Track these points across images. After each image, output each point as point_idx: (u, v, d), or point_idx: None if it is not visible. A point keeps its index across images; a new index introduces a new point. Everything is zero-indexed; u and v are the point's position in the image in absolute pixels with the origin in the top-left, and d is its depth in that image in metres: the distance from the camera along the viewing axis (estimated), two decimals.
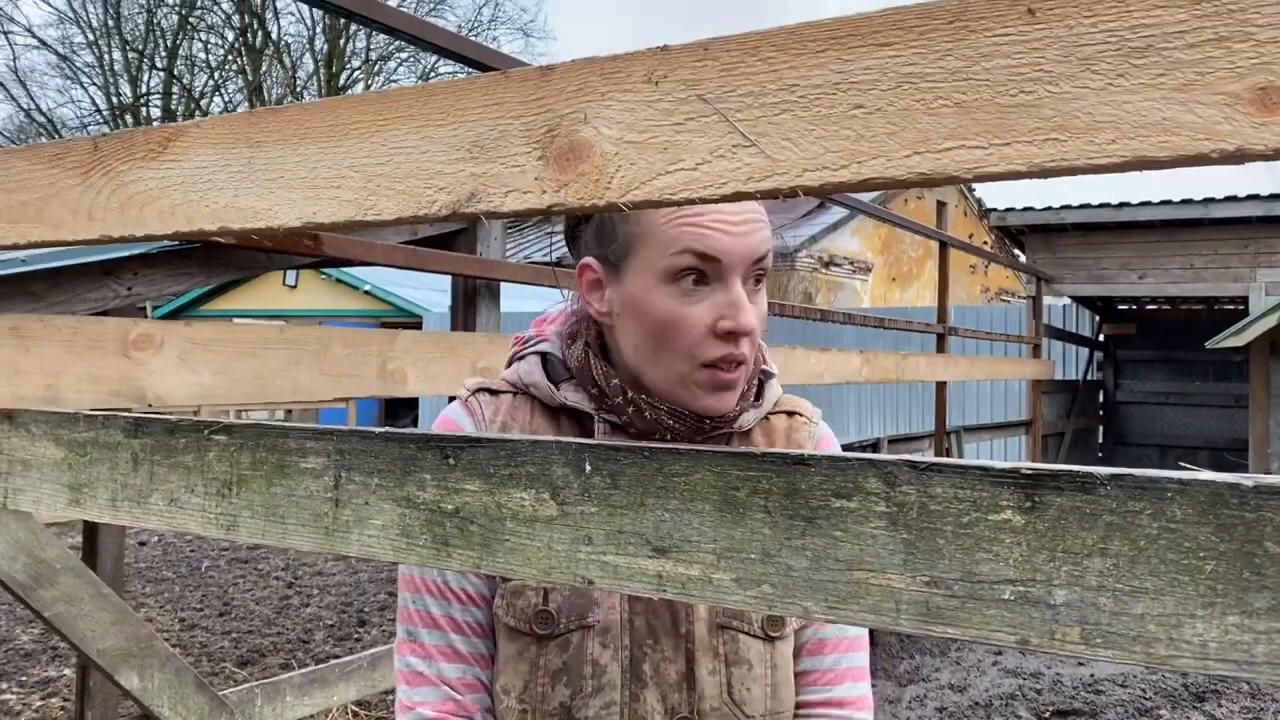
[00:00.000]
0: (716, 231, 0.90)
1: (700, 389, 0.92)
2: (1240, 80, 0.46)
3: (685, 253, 0.90)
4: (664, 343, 0.92)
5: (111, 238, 0.86)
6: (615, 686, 0.94)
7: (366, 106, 0.72)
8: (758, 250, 0.92)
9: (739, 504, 0.58)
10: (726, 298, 0.90)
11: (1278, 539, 0.45)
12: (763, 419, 1.05)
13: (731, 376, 0.92)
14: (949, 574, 0.51)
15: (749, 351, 0.92)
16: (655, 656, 0.95)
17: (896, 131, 0.53)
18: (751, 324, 0.90)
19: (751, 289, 0.93)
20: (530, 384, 1.01)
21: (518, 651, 0.95)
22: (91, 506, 0.86)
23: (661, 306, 0.91)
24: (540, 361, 1.03)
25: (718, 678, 0.96)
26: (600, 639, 0.94)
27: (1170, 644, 0.47)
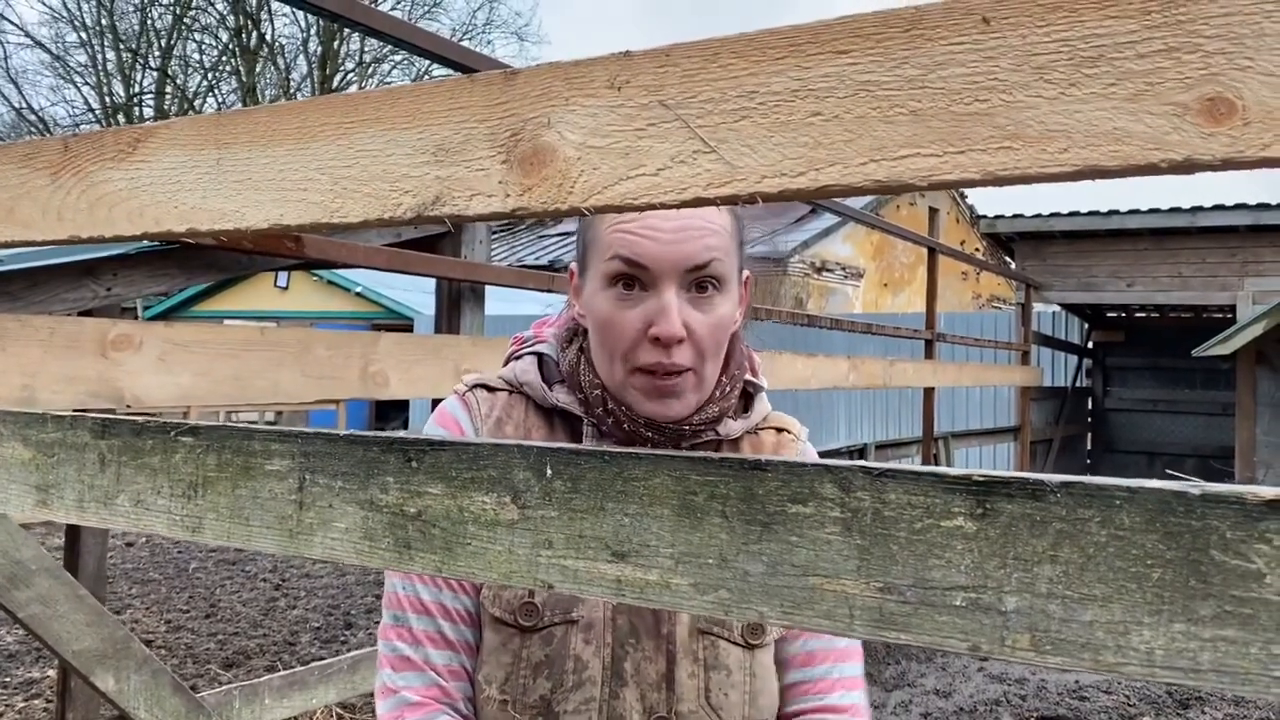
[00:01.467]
0: (644, 239, 0.91)
1: (639, 394, 0.94)
2: (1189, 91, 0.46)
3: (615, 259, 0.93)
4: (605, 345, 0.95)
5: (80, 238, 0.86)
6: (596, 683, 0.95)
7: (334, 109, 0.72)
8: (692, 259, 0.92)
9: (697, 509, 0.58)
10: (656, 304, 0.92)
11: (1223, 547, 0.45)
12: (752, 433, 1.06)
13: (669, 384, 0.93)
14: (902, 580, 0.52)
15: (687, 360, 0.93)
16: (636, 655, 0.96)
17: (853, 139, 0.53)
18: (674, 331, 0.91)
19: (696, 297, 0.93)
20: (525, 383, 1.03)
21: (501, 642, 0.96)
22: (59, 507, 0.86)
23: (601, 309, 0.94)
24: (536, 362, 1.04)
25: (696, 681, 0.96)
26: (584, 635, 0.95)
27: (1118, 651, 0.47)
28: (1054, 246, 9.47)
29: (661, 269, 0.91)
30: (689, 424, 0.97)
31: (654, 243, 0.91)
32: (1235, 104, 0.45)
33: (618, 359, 0.94)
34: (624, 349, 0.93)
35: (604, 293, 0.94)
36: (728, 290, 0.96)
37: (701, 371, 0.95)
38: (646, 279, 0.92)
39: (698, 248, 0.92)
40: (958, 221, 16.89)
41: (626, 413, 0.96)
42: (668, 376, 0.92)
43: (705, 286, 0.94)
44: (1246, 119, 0.45)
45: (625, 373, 0.94)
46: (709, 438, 1.00)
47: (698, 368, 0.94)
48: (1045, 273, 9.39)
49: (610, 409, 0.97)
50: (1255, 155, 0.45)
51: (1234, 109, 0.45)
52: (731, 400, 1.01)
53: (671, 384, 0.93)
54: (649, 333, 0.91)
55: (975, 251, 14.78)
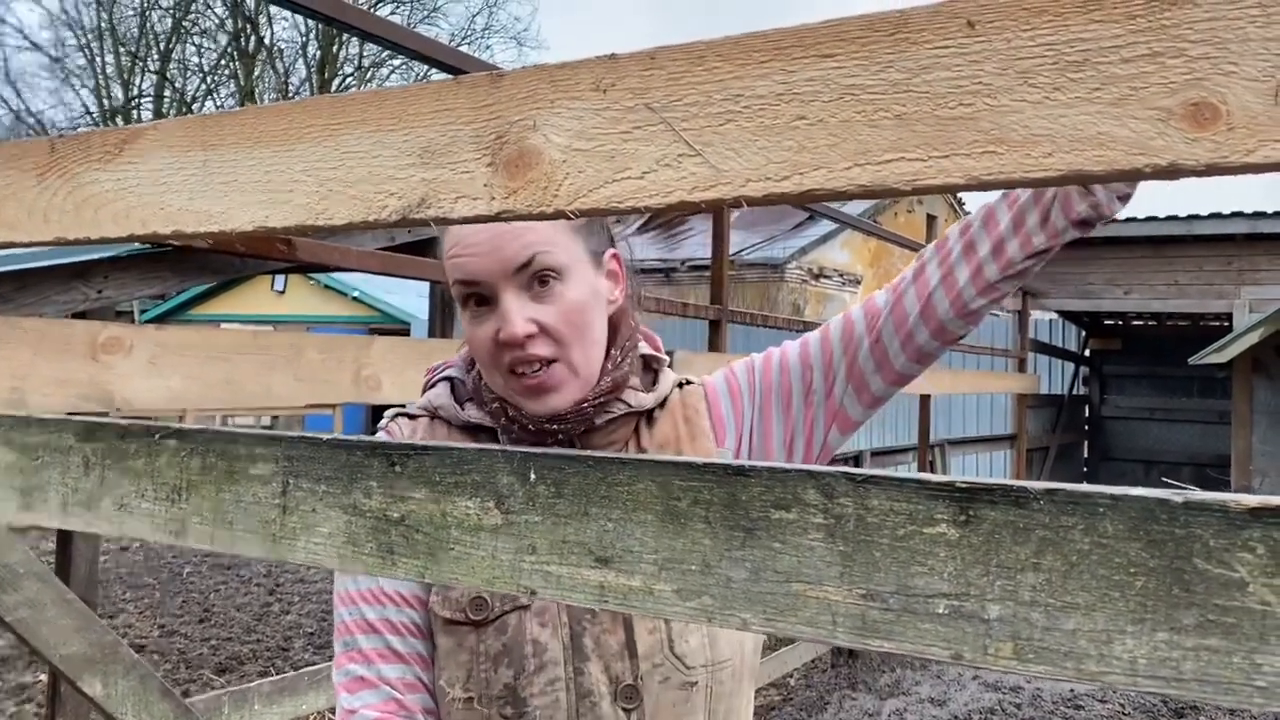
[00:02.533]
0: (465, 258, 0.95)
1: (520, 395, 0.98)
2: (1173, 95, 0.46)
3: (456, 284, 0.97)
4: (479, 360, 1.00)
5: (67, 240, 0.86)
6: (558, 663, 0.96)
7: (320, 110, 0.72)
8: (515, 259, 0.95)
9: (680, 514, 0.58)
10: (499, 310, 0.95)
11: (1206, 556, 0.44)
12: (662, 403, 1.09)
13: (538, 379, 0.96)
14: (884, 587, 0.51)
15: (547, 350, 0.96)
16: (595, 629, 0.97)
17: (838, 143, 0.53)
18: (514, 333, 0.94)
19: (539, 292, 0.96)
20: (439, 406, 1.07)
21: (456, 643, 0.97)
22: (42, 511, 0.85)
23: (466, 330, 1.00)
24: (449, 386, 1.09)
25: (658, 635, 0.98)
26: (538, 619, 0.97)
27: (1101, 660, 0.47)
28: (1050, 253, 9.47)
29: (491, 279, 0.95)
30: (588, 403, 0.99)
31: (474, 258, 0.95)
32: (1220, 109, 0.45)
33: (492, 371, 0.98)
34: (489, 361, 0.97)
35: (464, 314, 0.99)
36: (571, 276, 0.98)
37: (570, 358, 0.97)
38: (485, 291, 0.96)
39: (514, 249, 0.95)
40: None
41: (524, 415, 0.99)
42: (535, 373, 0.95)
43: (545, 280, 0.96)
44: (1231, 124, 0.45)
45: (503, 380, 0.98)
46: (620, 412, 1.03)
47: (563, 355, 0.97)
48: (1042, 280, 9.40)
49: (512, 416, 1.00)
50: (1239, 161, 0.45)
51: (1218, 114, 0.45)
52: (624, 370, 1.03)
53: (540, 379, 0.96)
54: (500, 340, 0.95)
55: None
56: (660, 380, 1.09)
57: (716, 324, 3.71)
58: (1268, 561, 0.43)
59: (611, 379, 1.01)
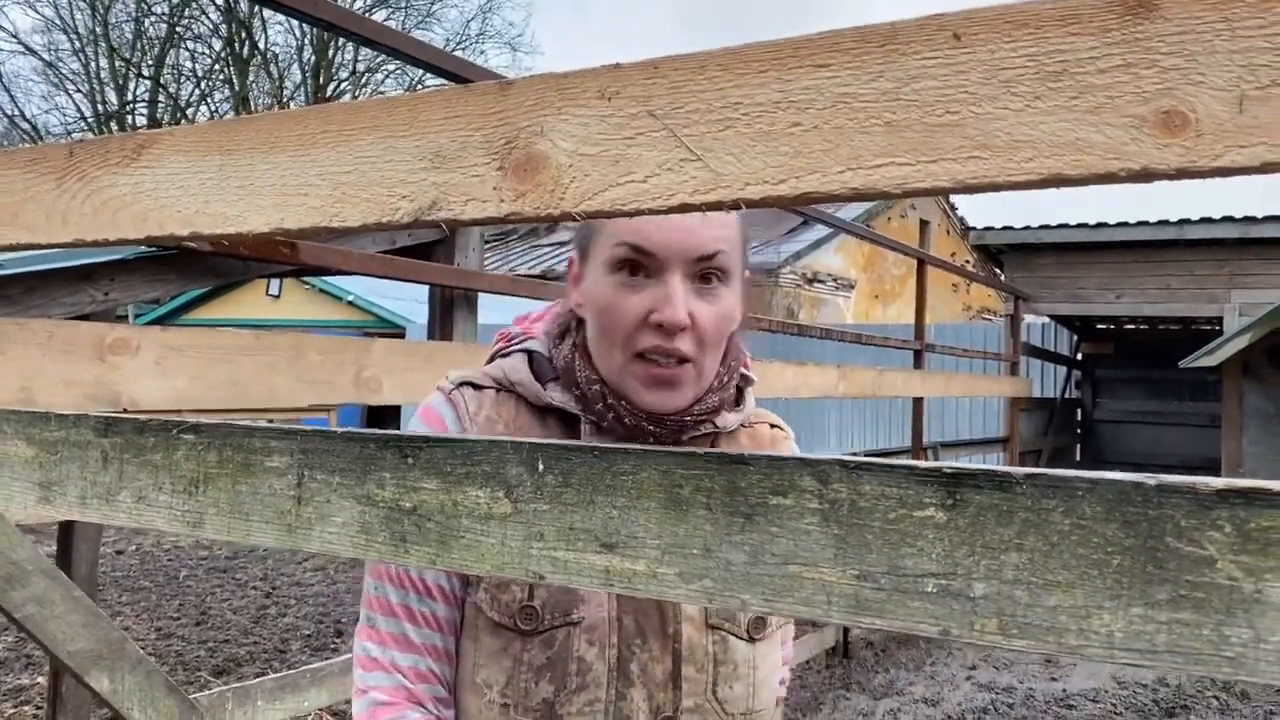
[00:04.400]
0: (649, 223, 0.91)
1: (637, 382, 0.93)
2: (1146, 104, 0.49)
3: (623, 245, 0.92)
4: (605, 331, 0.94)
5: (85, 241, 0.88)
6: (600, 685, 0.94)
7: (334, 116, 0.75)
8: (701, 248, 0.92)
9: (682, 501, 0.60)
10: (661, 291, 0.91)
11: (1178, 534, 0.47)
12: (746, 426, 1.07)
13: (668, 372, 0.92)
14: (876, 568, 0.54)
15: (690, 349, 0.92)
16: (643, 656, 0.95)
17: (831, 148, 0.56)
18: (678, 318, 0.90)
19: (701, 287, 0.93)
20: (516, 381, 1.00)
21: (501, 646, 0.94)
22: (61, 504, 0.88)
23: (602, 294, 0.94)
24: (527, 359, 1.02)
25: (705, 675, 0.97)
26: (587, 636, 0.94)
27: (1080, 634, 0.49)
28: (1043, 258, 9.54)
29: (669, 256, 0.91)
30: (690, 414, 0.96)
31: (661, 229, 0.91)
32: (1189, 117, 0.48)
33: (617, 346, 0.93)
34: (624, 335, 0.92)
35: (607, 278, 0.94)
36: (731, 284, 0.96)
37: (701, 363, 0.94)
38: (652, 266, 0.92)
39: (706, 237, 0.93)
40: (948, 233, 16.97)
41: (626, 407, 0.95)
42: (668, 365, 0.92)
43: (710, 278, 0.94)
44: (1199, 131, 0.48)
45: (625, 360, 0.93)
46: (707, 430, 1.00)
47: (698, 359, 0.94)
48: (1034, 284, 9.45)
49: (610, 404, 0.95)
50: (1208, 165, 0.48)
51: (1187, 122, 0.48)
52: (729, 392, 1.01)
53: (671, 373, 0.92)
54: (651, 318, 0.91)
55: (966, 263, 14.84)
56: (745, 401, 1.06)
57: None
58: (1234, 540, 0.46)
59: (718, 398, 0.99)
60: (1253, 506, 0.45)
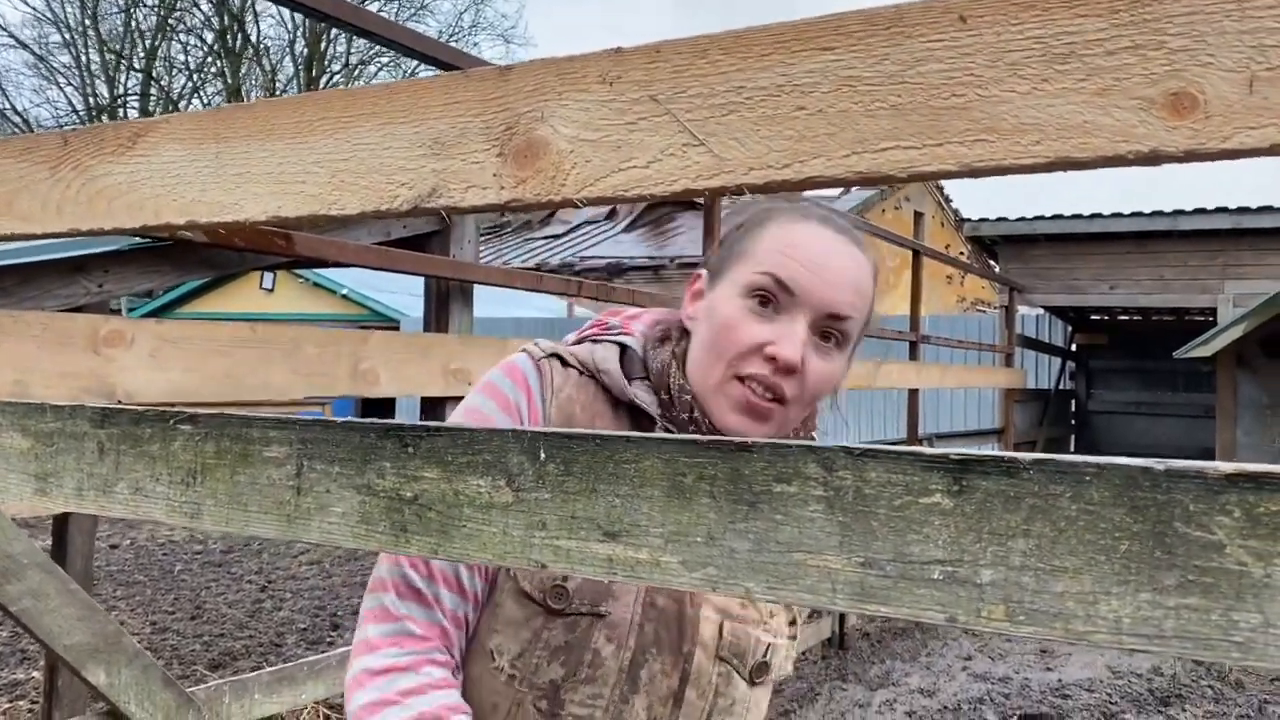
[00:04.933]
0: (801, 266, 0.93)
1: (729, 403, 0.94)
2: (1155, 86, 0.48)
3: (766, 275, 0.94)
4: (715, 344, 0.95)
5: (80, 231, 0.88)
6: (608, 683, 0.94)
7: (332, 103, 0.74)
8: (837, 306, 0.94)
9: (686, 489, 0.60)
10: (785, 329, 0.93)
11: (1186, 520, 0.47)
12: None
13: (763, 404, 0.93)
14: (882, 555, 0.54)
15: (790, 391, 0.93)
16: (654, 666, 0.95)
17: (836, 132, 0.56)
18: (795, 357, 0.92)
19: (820, 343, 0.95)
20: (604, 370, 1.00)
21: (524, 618, 0.93)
22: (58, 496, 0.87)
23: (729, 311, 0.95)
24: (619, 352, 1.02)
25: (704, 703, 0.97)
26: (608, 632, 0.94)
27: (1087, 620, 0.49)
28: (1037, 249, 9.55)
29: (807, 300, 0.93)
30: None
31: (809, 273, 0.93)
32: (1198, 98, 0.48)
33: (723, 362, 0.94)
34: (735, 354, 0.94)
35: (737, 300, 0.95)
36: (845, 352, 0.98)
37: (791, 412, 0.95)
38: (785, 303, 0.94)
39: (846, 297, 0.95)
40: (943, 225, 16.97)
41: (708, 424, 0.95)
42: (763, 397, 0.93)
43: (830, 337, 0.96)
44: (1208, 113, 0.47)
45: (724, 378, 0.94)
46: None
47: (791, 405, 0.95)
48: (1028, 275, 9.46)
49: (694, 416, 0.96)
50: (1216, 147, 0.47)
51: (1196, 103, 0.48)
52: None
53: (764, 405, 0.93)
54: (767, 349, 0.92)
55: (960, 255, 14.85)
56: None
57: None
58: (1244, 524, 0.46)
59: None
60: (1263, 490, 0.45)
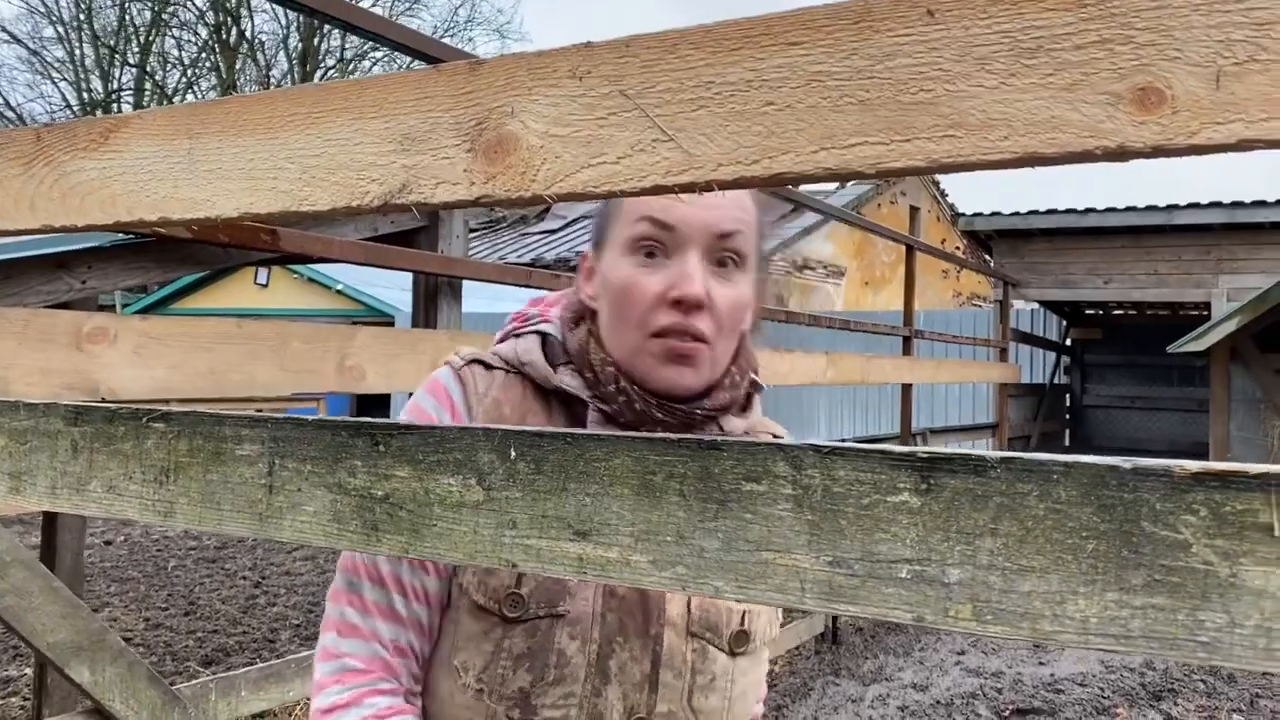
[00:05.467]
0: (674, 201, 0.91)
1: (654, 359, 0.92)
2: (1122, 80, 0.48)
3: (643, 220, 0.92)
4: (620, 312, 0.94)
5: (53, 227, 0.87)
6: (578, 679, 0.92)
7: (303, 99, 0.73)
8: (719, 225, 0.92)
9: (656, 488, 0.59)
10: (679, 269, 0.91)
11: (1153, 519, 0.47)
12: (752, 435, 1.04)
13: (686, 346, 0.91)
14: (850, 554, 0.53)
15: (708, 329, 0.92)
16: (623, 655, 0.94)
17: (805, 128, 0.55)
18: (697, 292, 0.90)
19: (718, 270, 0.93)
20: (527, 363, 0.99)
21: (482, 631, 0.93)
22: (31, 494, 0.86)
23: (620, 275, 0.93)
24: (540, 342, 1.01)
25: (682, 682, 0.95)
26: (569, 629, 0.93)
27: (1055, 620, 0.49)
28: (1032, 244, 9.55)
29: (689, 231, 0.91)
30: (700, 408, 0.95)
31: (684, 204, 0.91)
32: (1165, 93, 0.47)
33: (633, 325, 0.93)
34: (641, 313, 0.92)
35: (625, 259, 0.94)
36: (747, 271, 0.96)
37: (716, 346, 0.94)
38: (671, 243, 0.92)
39: (727, 213, 0.92)
40: (938, 220, 16.97)
41: (639, 391, 0.94)
42: (688, 340, 0.91)
43: (726, 262, 0.94)
44: (1175, 108, 0.47)
45: (641, 339, 0.92)
46: (713, 433, 0.98)
47: (713, 341, 0.93)
48: (1023, 270, 9.47)
49: (622, 386, 0.94)
50: (1183, 143, 0.47)
51: (1164, 98, 0.47)
52: (740, 391, 1.00)
53: (690, 348, 0.92)
54: (670, 295, 0.91)
55: (956, 250, 14.85)
56: (751, 408, 1.05)
57: None
58: (1210, 523, 0.45)
59: (729, 395, 0.98)
60: (1228, 489, 0.45)
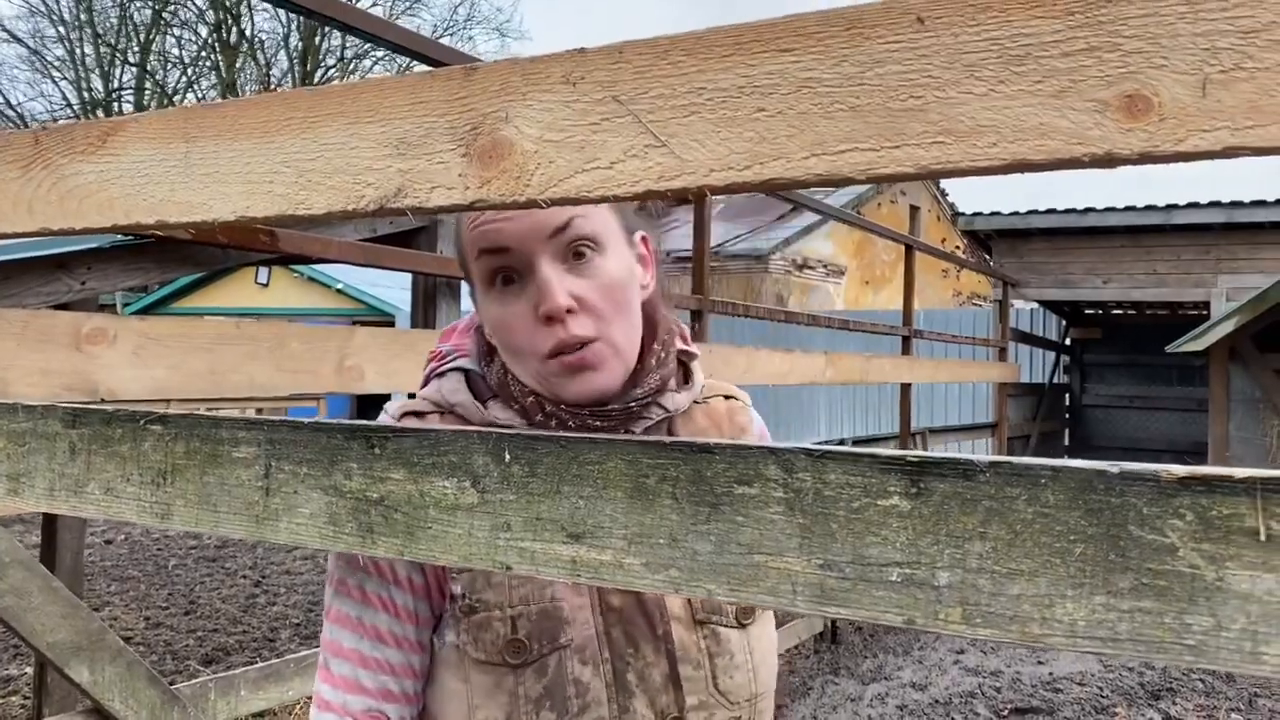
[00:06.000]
0: (493, 225, 0.88)
1: (558, 378, 0.90)
2: (1109, 88, 0.48)
3: (481, 255, 0.90)
4: (509, 347, 0.92)
5: (51, 230, 0.87)
6: (601, 702, 0.92)
7: (299, 103, 0.74)
8: (550, 222, 0.89)
9: (649, 491, 0.60)
10: (534, 286, 0.89)
11: (1140, 522, 0.47)
12: (701, 403, 1.04)
13: (578, 357, 0.89)
14: (841, 557, 0.54)
15: (587, 329, 0.89)
16: (638, 664, 0.93)
17: (796, 134, 0.55)
18: (557, 303, 0.87)
19: (575, 264, 0.90)
20: (456, 403, 0.97)
21: (494, 683, 0.91)
22: (29, 496, 0.87)
23: (491, 315, 0.92)
24: (464, 379, 0.99)
25: (703, 671, 0.95)
26: (579, 657, 0.92)
27: (1043, 623, 0.49)
28: (1032, 244, 9.55)
29: (524, 245, 0.88)
30: (634, 400, 0.94)
31: (505, 222, 0.88)
32: (1152, 101, 0.47)
33: (526, 355, 0.91)
34: (525, 342, 0.90)
35: (489, 296, 0.92)
36: (608, 249, 0.92)
37: (611, 337, 0.91)
38: (517, 264, 0.89)
39: (549, 212, 0.88)
40: (938, 219, 16.98)
41: (566, 409, 0.92)
42: (579, 349, 0.89)
43: (580, 252, 0.90)
44: (1162, 115, 0.47)
45: (539, 365, 0.90)
46: (658, 417, 0.97)
47: (605, 334, 0.90)
48: (1023, 270, 9.47)
49: (549, 411, 0.93)
50: (1170, 150, 0.47)
51: (1150, 105, 0.47)
52: (670, 367, 0.98)
53: (581, 356, 0.89)
54: (539, 317, 0.88)
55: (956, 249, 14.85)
56: (693, 377, 1.03)
57: (698, 314, 3.73)
58: (1196, 528, 0.46)
59: (659, 376, 0.96)
60: (1214, 494, 0.45)
